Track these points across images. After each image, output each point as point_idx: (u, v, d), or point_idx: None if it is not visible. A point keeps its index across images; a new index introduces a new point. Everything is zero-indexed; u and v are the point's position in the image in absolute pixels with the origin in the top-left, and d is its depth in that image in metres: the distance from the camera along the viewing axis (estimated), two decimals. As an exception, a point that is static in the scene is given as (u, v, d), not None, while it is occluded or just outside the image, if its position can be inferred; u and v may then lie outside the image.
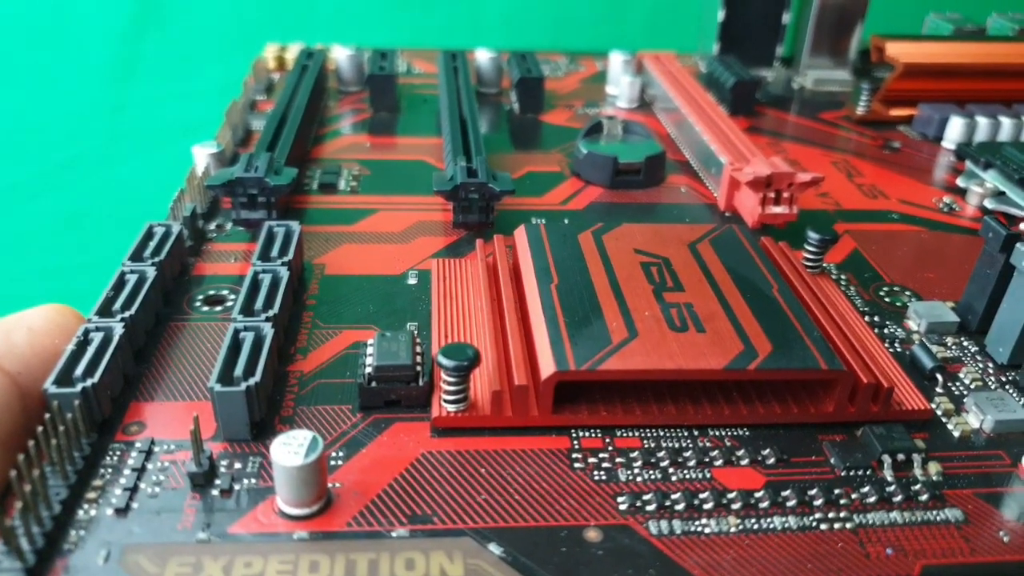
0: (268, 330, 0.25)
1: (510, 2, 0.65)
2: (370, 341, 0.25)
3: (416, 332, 0.27)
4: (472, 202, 0.32)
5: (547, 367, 0.24)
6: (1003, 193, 0.39)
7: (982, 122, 0.45)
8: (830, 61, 0.54)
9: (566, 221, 0.36)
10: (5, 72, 0.65)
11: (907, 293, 0.32)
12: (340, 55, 0.48)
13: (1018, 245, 0.27)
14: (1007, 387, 0.27)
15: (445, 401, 0.24)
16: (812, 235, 0.31)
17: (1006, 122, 0.45)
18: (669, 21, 0.62)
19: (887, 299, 0.31)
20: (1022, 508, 0.23)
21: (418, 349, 0.25)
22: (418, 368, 0.25)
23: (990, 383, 0.27)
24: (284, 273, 0.28)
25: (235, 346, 0.24)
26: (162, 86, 0.66)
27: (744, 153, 0.37)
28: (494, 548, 0.21)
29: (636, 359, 0.24)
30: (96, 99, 0.65)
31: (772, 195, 0.34)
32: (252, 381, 0.23)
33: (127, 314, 0.25)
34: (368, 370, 0.24)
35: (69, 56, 0.65)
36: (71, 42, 0.65)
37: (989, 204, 0.38)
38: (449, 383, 0.24)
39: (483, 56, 0.48)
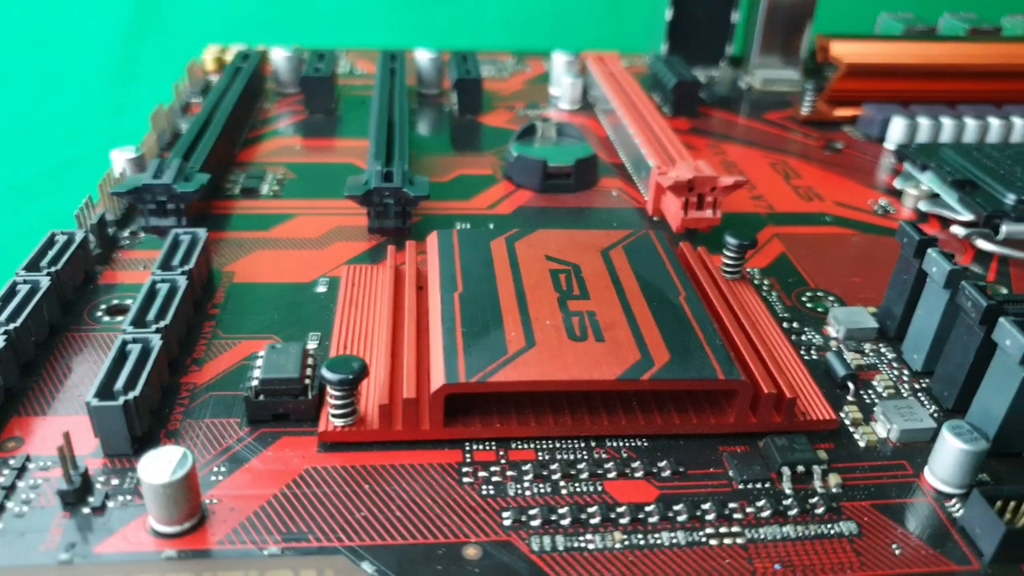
0: (156, 342, 0.24)
1: (465, 2, 0.64)
2: (261, 353, 0.25)
3: (315, 343, 0.27)
4: (388, 207, 0.32)
5: (437, 379, 0.23)
6: (938, 195, 0.38)
7: (924, 123, 0.44)
8: (781, 61, 0.54)
9: (491, 226, 0.35)
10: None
11: (831, 298, 0.31)
12: (277, 56, 0.47)
13: (930, 251, 0.27)
14: (919, 395, 0.27)
15: (333, 415, 0.23)
16: (730, 240, 0.30)
17: (947, 123, 0.44)
18: (625, 20, 0.61)
19: (809, 304, 0.31)
20: (919, 520, 0.22)
21: (309, 361, 0.25)
22: (307, 381, 0.24)
23: (903, 391, 0.27)
24: (182, 282, 0.27)
25: (121, 358, 0.24)
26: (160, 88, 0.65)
27: (674, 156, 0.36)
28: (367, 566, 0.20)
29: (530, 370, 0.23)
30: (96, 100, 0.64)
31: (695, 199, 0.33)
32: (131, 395, 0.22)
33: (12, 326, 0.25)
34: (254, 383, 0.24)
35: (70, 56, 0.64)
36: (72, 43, 0.64)
37: (923, 207, 0.38)
38: (335, 397, 0.23)
39: (423, 57, 0.48)
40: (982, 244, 0.35)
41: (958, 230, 0.36)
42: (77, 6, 0.64)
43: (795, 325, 0.30)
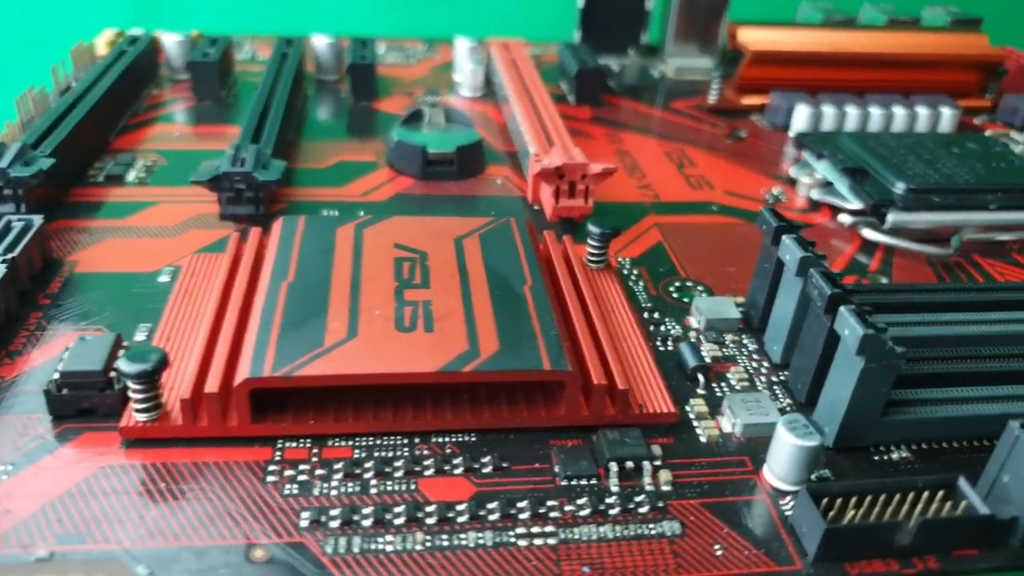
0: (-44, 333, 0.23)
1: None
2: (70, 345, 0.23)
3: (144, 335, 0.25)
4: (240, 192, 0.30)
5: (241, 372, 0.22)
6: (831, 184, 0.37)
7: (828, 112, 0.43)
8: (698, 49, 0.53)
9: (361, 213, 0.34)
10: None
11: (699, 288, 0.30)
12: (169, 41, 0.45)
13: (784, 238, 0.26)
14: (776, 388, 0.26)
15: (135, 410, 0.22)
16: (592, 230, 0.29)
17: (852, 112, 0.43)
18: (545, 7, 0.60)
19: (675, 295, 0.30)
20: (751, 518, 0.21)
21: (121, 354, 0.23)
22: (113, 374, 0.23)
23: (759, 384, 0.26)
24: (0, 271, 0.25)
25: (-85, 351, 0.22)
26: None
27: (556, 144, 0.35)
28: (141, 570, 0.19)
29: (343, 363, 0.22)
30: None
31: (567, 187, 0.32)
32: (-87, 390, 0.21)
33: None
34: (56, 376, 0.22)
35: None
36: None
37: (815, 195, 0.37)
38: (135, 390, 0.22)
39: (321, 42, 0.46)
40: (867, 233, 0.34)
41: (845, 218, 0.35)
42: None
43: (656, 315, 0.29)
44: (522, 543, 0.20)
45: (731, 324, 0.28)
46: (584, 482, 0.22)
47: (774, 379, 0.26)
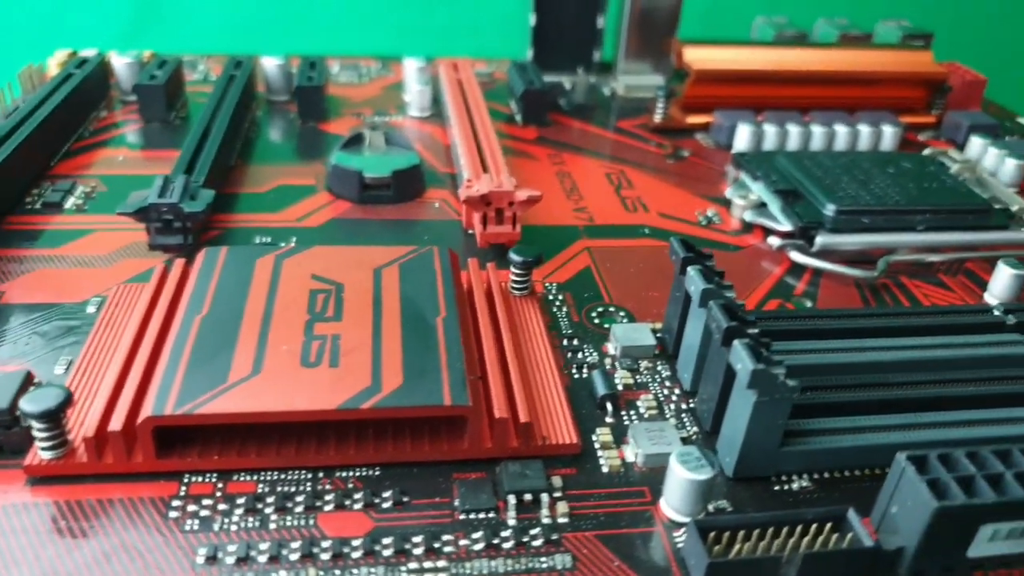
0: None
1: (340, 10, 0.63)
2: (-18, 382, 0.24)
3: (63, 368, 0.26)
4: (168, 223, 0.31)
5: (145, 410, 0.22)
6: (765, 205, 0.38)
7: (769, 130, 0.44)
8: (651, 66, 0.53)
9: (294, 240, 0.34)
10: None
11: (621, 314, 0.31)
12: (118, 63, 0.46)
13: (689, 269, 0.26)
14: (685, 415, 0.26)
15: (41, 448, 0.22)
16: (514, 258, 0.30)
17: (794, 131, 0.44)
18: (500, 25, 0.60)
19: (596, 321, 0.30)
20: (643, 551, 0.22)
21: (32, 389, 0.24)
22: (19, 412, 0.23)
23: (668, 411, 0.26)
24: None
25: None
26: None
27: (491, 168, 0.35)
28: (30, 613, 0.19)
29: (243, 400, 0.22)
30: None
31: (494, 214, 0.32)
32: None
33: None
34: (-39, 414, 0.23)
35: None
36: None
37: (748, 217, 0.38)
38: (38, 429, 0.22)
39: (270, 63, 0.47)
40: (795, 256, 0.35)
41: (774, 241, 0.36)
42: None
43: (575, 342, 0.29)
44: (412, 579, 0.20)
45: (646, 351, 0.29)
46: (483, 515, 0.22)
47: (684, 406, 0.27)
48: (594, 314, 0.31)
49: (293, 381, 0.23)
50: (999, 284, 0.33)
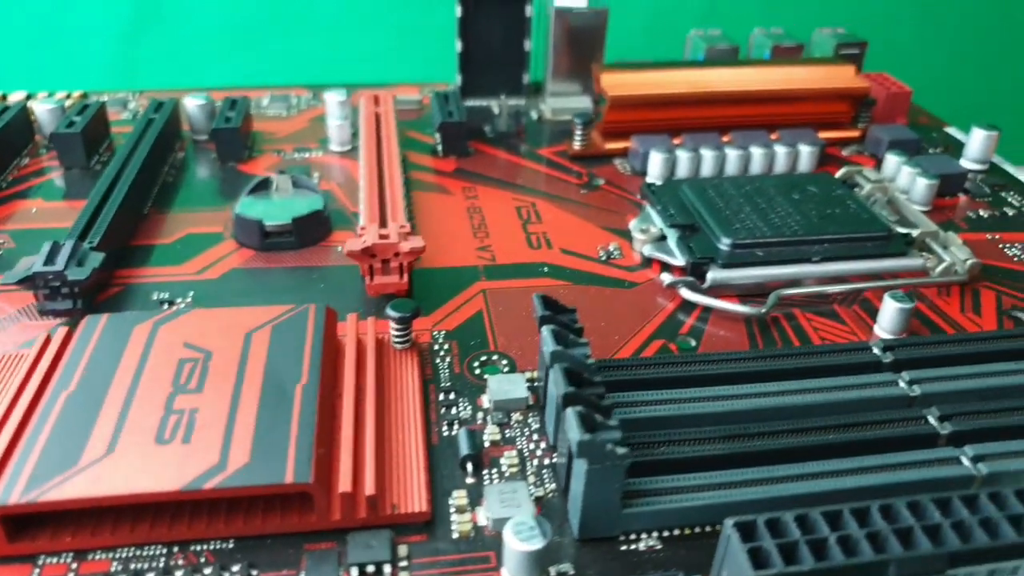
0: None
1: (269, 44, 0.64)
2: None
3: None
4: (55, 289, 0.31)
5: (-6, 497, 0.23)
6: (666, 238, 0.38)
7: (683, 156, 0.44)
8: (580, 88, 0.53)
9: (191, 294, 0.35)
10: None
11: (504, 362, 0.31)
12: (39, 109, 0.46)
13: (543, 328, 0.27)
14: (546, 471, 0.27)
15: None
16: (391, 313, 0.30)
17: (708, 155, 0.44)
18: (432, 51, 0.60)
19: (477, 371, 0.31)
20: (474, 621, 0.22)
21: None
22: None
23: (531, 467, 0.27)
24: None
25: None
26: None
27: (389, 212, 0.36)
28: None
29: (93, 484, 0.23)
30: None
31: (380, 265, 0.33)
32: None
33: None
34: None
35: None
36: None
37: (647, 251, 0.38)
38: None
39: (192, 104, 0.47)
40: (685, 293, 0.35)
41: (666, 277, 0.36)
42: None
43: (452, 396, 0.30)
44: (245, 658, 0.21)
45: (518, 403, 0.29)
46: (325, 588, 0.23)
47: (548, 461, 0.27)
48: (476, 364, 0.31)
49: (143, 461, 0.24)
50: (886, 318, 0.33)
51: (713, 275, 0.35)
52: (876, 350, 0.31)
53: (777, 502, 0.25)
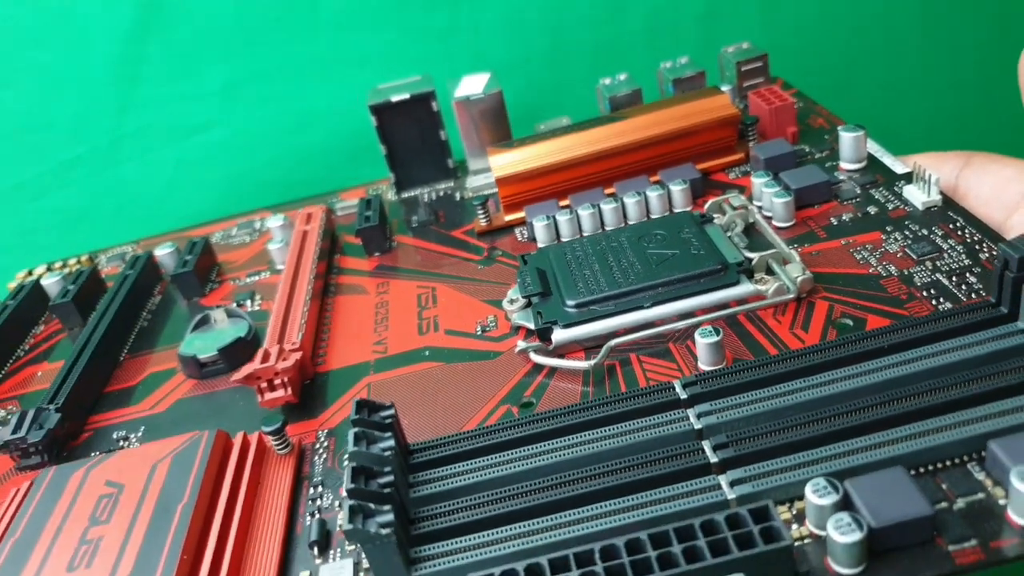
0: None
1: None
2: None
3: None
4: (24, 450, 0.40)
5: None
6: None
7: (562, 219, 0.49)
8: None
9: (142, 429, 0.43)
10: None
11: (369, 451, 0.38)
12: (47, 283, 0.56)
13: (350, 432, 0.33)
14: (380, 544, 0.33)
15: None
16: (263, 428, 0.37)
17: (584, 214, 0.49)
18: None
19: (345, 463, 0.37)
20: None
21: None
22: None
23: (368, 543, 0.33)
24: None
25: None
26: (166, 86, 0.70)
27: (290, 332, 0.43)
28: None
29: (17, 610, 0.31)
30: (100, 99, 0.69)
31: (266, 384, 0.40)
32: None
33: None
34: None
35: (74, 55, 0.68)
36: (76, 41, 0.67)
37: (515, 320, 0.43)
38: None
39: (163, 253, 0.56)
40: (534, 356, 0.40)
41: (520, 343, 0.41)
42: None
43: (319, 489, 0.36)
44: None
45: (367, 489, 0.35)
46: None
47: (384, 536, 0.33)
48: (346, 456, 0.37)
49: (54, 587, 0.31)
50: (700, 353, 0.37)
51: (556, 336, 0.40)
52: (678, 388, 0.35)
53: (551, 547, 0.30)
